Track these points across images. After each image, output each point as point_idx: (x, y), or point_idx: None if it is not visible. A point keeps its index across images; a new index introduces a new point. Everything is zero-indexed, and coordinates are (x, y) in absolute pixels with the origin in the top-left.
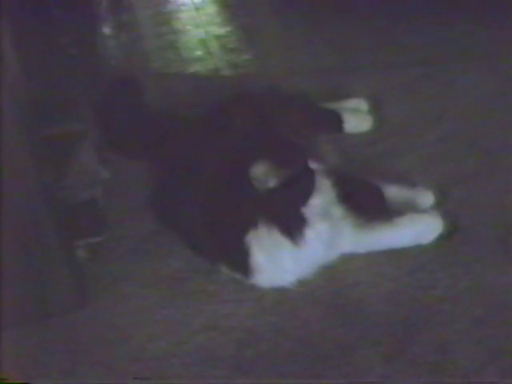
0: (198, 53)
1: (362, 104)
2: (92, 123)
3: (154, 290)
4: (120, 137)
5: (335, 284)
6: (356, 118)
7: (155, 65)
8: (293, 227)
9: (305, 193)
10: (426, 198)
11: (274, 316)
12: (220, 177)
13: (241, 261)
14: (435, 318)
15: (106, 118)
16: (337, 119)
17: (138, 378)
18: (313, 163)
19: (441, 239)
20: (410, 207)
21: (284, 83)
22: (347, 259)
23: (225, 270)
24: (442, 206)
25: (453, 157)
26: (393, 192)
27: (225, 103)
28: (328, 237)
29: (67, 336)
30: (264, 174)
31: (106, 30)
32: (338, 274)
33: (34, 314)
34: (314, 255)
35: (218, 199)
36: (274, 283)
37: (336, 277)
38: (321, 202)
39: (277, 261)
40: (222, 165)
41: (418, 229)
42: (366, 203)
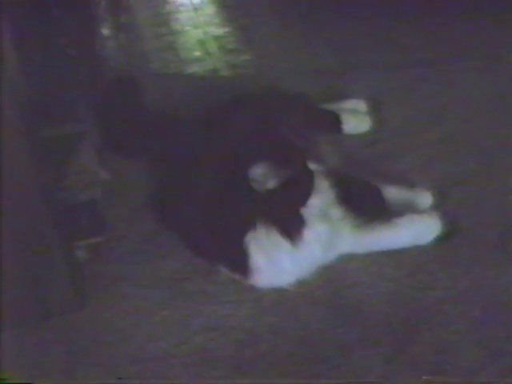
0: (197, 53)
1: (360, 105)
2: (91, 124)
3: (154, 290)
4: (120, 137)
5: (334, 284)
6: (355, 118)
7: (154, 65)
8: (292, 228)
9: (304, 194)
10: (424, 198)
11: (274, 316)
12: (219, 178)
13: (240, 261)
14: (435, 319)
15: (106, 119)
16: (336, 120)
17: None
18: (312, 164)
19: (440, 240)
20: (409, 208)
21: (283, 84)
22: (346, 260)
23: (224, 270)
24: (442, 206)
25: (452, 157)
26: (392, 193)
27: (224, 104)
28: (327, 237)
29: (67, 336)
30: (263, 174)
31: (104, 30)
32: (337, 274)
33: (33, 315)
34: (312, 256)
35: (217, 200)
36: (273, 284)
37: (335, 277)
38: (320, 202)
39: (276, 261)
40: (221, 166)
41: (417, 229)
42: (365, 204)
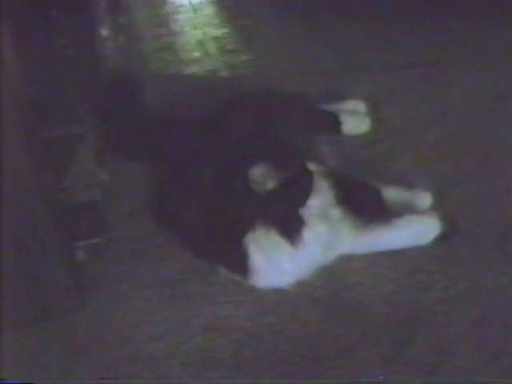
0: (196, 54)
1: (360, 106)
2: (91, 125)
3: (154, 291)
4: (119, 138)
5: (334, 285)
6: (354, 119)
7: (153, 66)
8: (291, 229)
9: (303, 194)
10: (424, 199)
11: (273, 317)
12: (219, 178)
13: (240, 262)
14: (434, 319)
15: (106, 120)
16: (335, 121)
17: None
18: (311, 165)
19: (439, 240)
20: (408, 208)
21: (282, 85)
22: (346, 260)
23: (224, 271)
24: (441, 207)
25: (451, 158)
26: (391, 193)
27: (223, 105)
28: (326, 238)
29: (67, 337)
30: (262, 175)
31: (104, 31)
32: (336, 275)
33: (33, 315)
34: (312, 256)
35: (216, 201)
36: (272, 284)
37: (335, 278)
38: (319, 203)
39: (275, 262)
40: (221, 166)
41: (416, 230)
42: (365, 204)
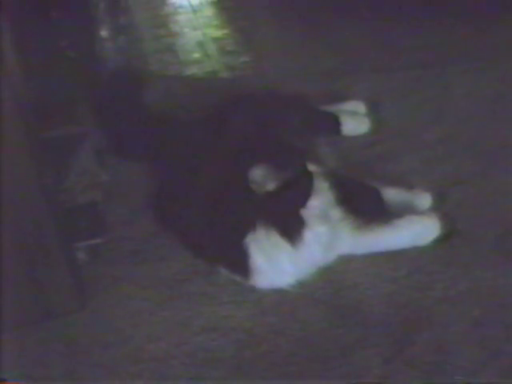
0: (196, 55)
1: (360, 106)
2: (92, 126)
3: (154, 291)
4: (120, 139)
5: (334, 285)
6: (354, 120)
7: (153, 67)
8: (291, 229)
9: (303, 195)
10: (423, 199)
11: (274, 317)
12: (219, 179)
13: (240, 262)
14: (434, 319)
15: (106, 121)
16: (335, 122)
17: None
18: (311, 165)
19: (439, 241)
20: (408, 209)
21: (282, 86)
22: (346, 261)
23: (224, 271)
24: (441, 207)
25: (451, 158)
26: (391, 194)
27: (223, 106)
28: (326, 238)
29: (67, 337)
30: (263, 176)
31: (103, 32)
32: (336, 275)
33: (34, 316)
34: (312, 257)
35: (217, 201)
36: (273, 285)
37: (335, 278)
38: (319, 204)
39: (276, 262)
40: (221, 167)
41: (416, 230)
42: (365, 205)
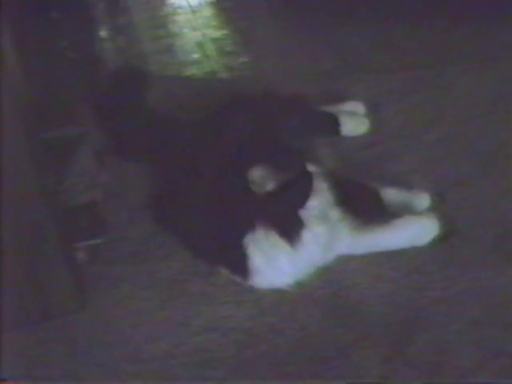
0: (195, 56)
1: (359, 107)
2: (91, 126)
3: (154, 291)
4: (119, 139)
5: (333, 285)
6: (353, 121)
7: (152, 68)
8: (290, 229)
9: (302, 195)
10: (422, 200)
11: (273, 317)
12: (218, 180)
13: (239, 263)
14: (432, 319)
15: (106, 121)
16: (334, 122)
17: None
18: (310, 166)
19: (438, 241)
20: (406, 209)
21: (281, 86)
22: (345, 261)
23: (224, 272)
24: (439, 207)
25: (450, 159)
26: (390, 194)
27: (222, 106)
28: (325, 239)
29: (67, 337)
30: (262, 177)
31: (102, 32)
32: (335, 275)
33: (34, 316)
34: (311, 257)
35: (216, 202)
36: (272, 285)
37: (334, 278)
38: (318, 204)
39: (275, 263)
40: (221, 168)
41: (414, 231)
42: (364, 205)
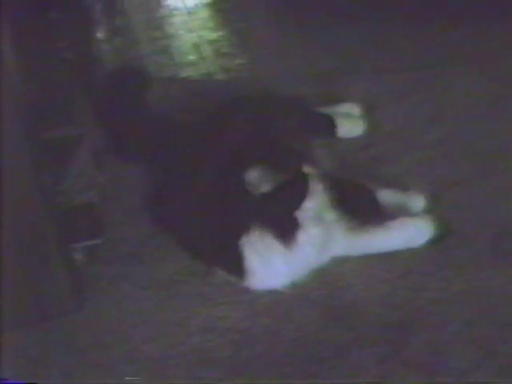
0: (191, 57)
1: (355, 109)
2: (89, 127)
3: (151, 292)
4: (117, 141)
5: (329, 286)
6: (349, 122)
7: (148, 69)
8: (286, 231)
9: (298, 197)
10: (417, 201)
11: (269, 318)
12: (215, 181)
13: (235, 264)
14: (428, 320)
15: (103, 122)
16: (330, 124)
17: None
18: (306, 167)
19: (433, 242)
20: (402, 211)
21: (278, 88)
22: (340, 262)
23: (220, 272)
24: (435, 209)
25: (445, 161)
26: (385, 195)
27: (219, 108)
28: (321, 240)
29: (66, 338)
30: (258, 178)
31: (99, 34)
32: (331, 276)
33: (32, 316)
34: (307, 258)
35: (213, 203)
36: (267, 286)
37: (329, 279)
38: (314, 205)
39: (270, 264)
40: (217, 169)
41: (409, 232)
42: (359, 207)
